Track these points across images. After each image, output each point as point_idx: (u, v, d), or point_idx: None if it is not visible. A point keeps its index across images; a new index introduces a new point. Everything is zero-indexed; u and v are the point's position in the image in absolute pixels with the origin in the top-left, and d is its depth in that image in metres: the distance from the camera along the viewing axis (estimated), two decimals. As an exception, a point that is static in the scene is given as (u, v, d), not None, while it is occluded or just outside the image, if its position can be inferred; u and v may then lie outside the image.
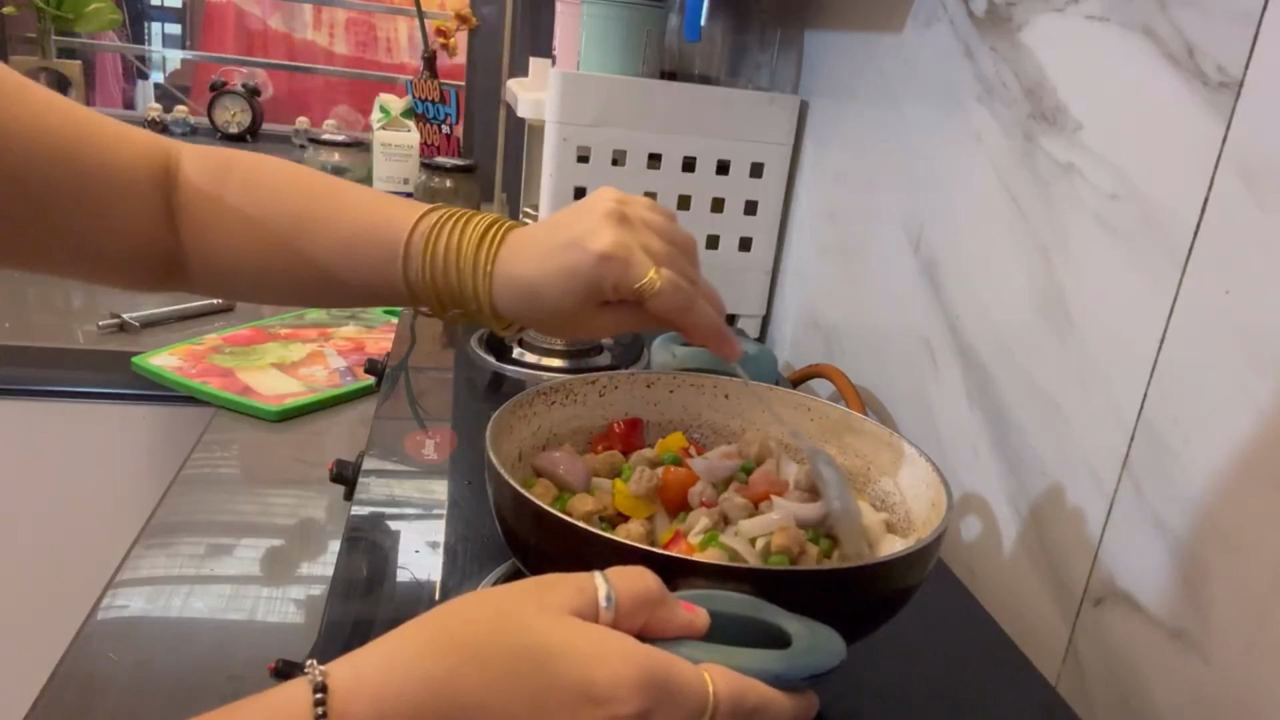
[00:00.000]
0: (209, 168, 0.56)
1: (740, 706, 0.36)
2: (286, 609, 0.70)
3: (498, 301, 0.54)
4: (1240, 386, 0.53)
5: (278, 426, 0.99)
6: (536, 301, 0.53)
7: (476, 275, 0.53)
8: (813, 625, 0.41)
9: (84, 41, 1.99)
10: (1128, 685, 0.60)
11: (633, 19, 1.15)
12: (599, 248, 0.51)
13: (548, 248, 0.53)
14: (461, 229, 0.54)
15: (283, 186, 0.57)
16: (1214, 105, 0.55)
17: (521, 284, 0.53)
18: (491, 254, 0.53)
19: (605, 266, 0.51)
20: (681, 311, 0.53)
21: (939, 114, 0.87)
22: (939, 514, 0.52)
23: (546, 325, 0.56)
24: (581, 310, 0.53)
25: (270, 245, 0.55)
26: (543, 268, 0.52)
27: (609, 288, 0.52)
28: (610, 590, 0.37)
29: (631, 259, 0.51)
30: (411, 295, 0.55)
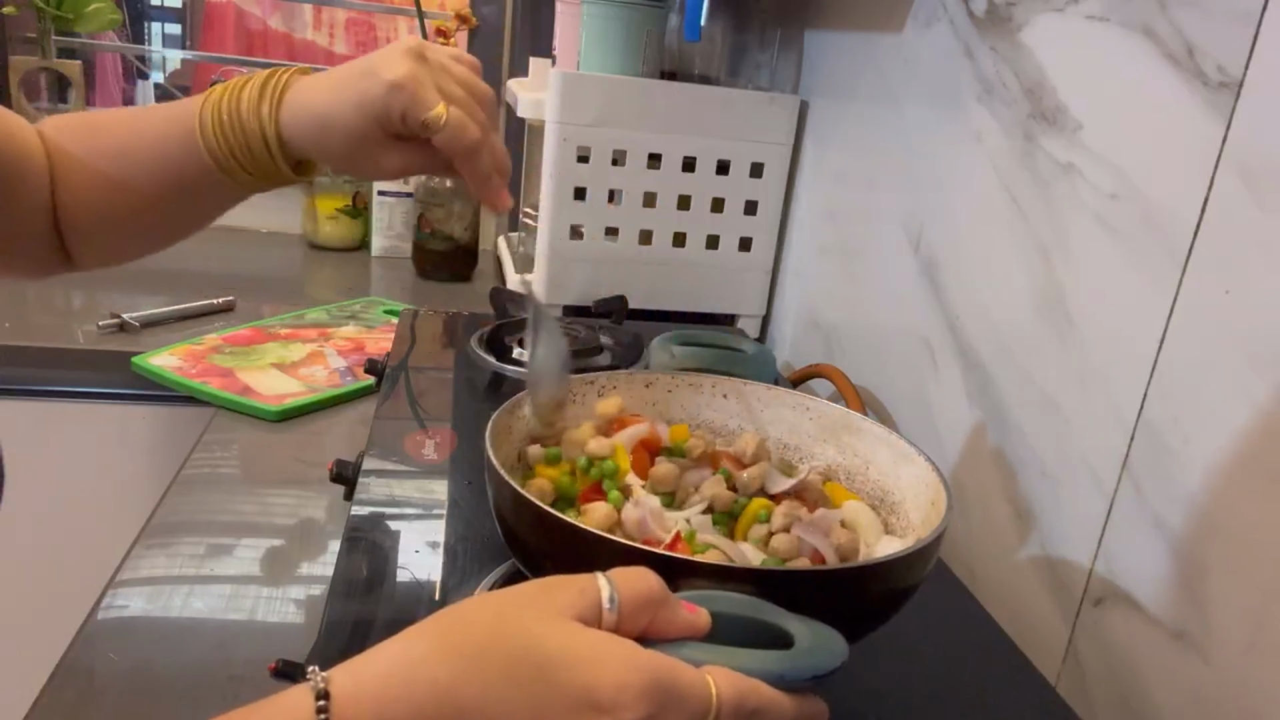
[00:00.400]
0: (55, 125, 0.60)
1: (742, 708, 0.36)
2: (286, 609, 0.70)
3: (286, 134, 0.55)
4: (1240, 386, 0.53)
5: (278, 426, 0.99)
6: (327, 131, 0.54)
7: (262, 111, 0.55)
8: (814, 625, 0.41)
9: (84, 41, 1.99)
10: (1128, 685, 0.60)
11: (633, 19, 1.15)
12: (390, 76, 0.52)
13: (341, 78, 0.54)
14: (246, 82, 0.56)
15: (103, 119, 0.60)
16: (1214, 105, 0.55)
17: (312, 113, 0.54)
18: (276, 93, 0.55)
19: (395, 95, 0.52)
20: (466, 152, 0.54)
21: (939, 114, 0.87)
22: (938, 513, 0.52)
23: (338, 160, 0.56)
24: (371, 141, 0.54)
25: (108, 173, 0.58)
26: (334, 96, 0.54)
27: (397, 116, 0.52)
28: (613, 592, 0.37)
29: (421, 91, 0.52)
30: (215, 160, 0.57)
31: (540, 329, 0.59)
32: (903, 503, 0.59)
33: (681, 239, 1.23)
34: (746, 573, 0.43)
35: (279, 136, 0.55)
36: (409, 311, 1.14)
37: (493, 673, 0.33)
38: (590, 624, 0.36)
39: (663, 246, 1.22)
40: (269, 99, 0.55)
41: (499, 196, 0.57)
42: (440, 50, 0.56)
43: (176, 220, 0.63)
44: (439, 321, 1.11)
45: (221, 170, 0.57)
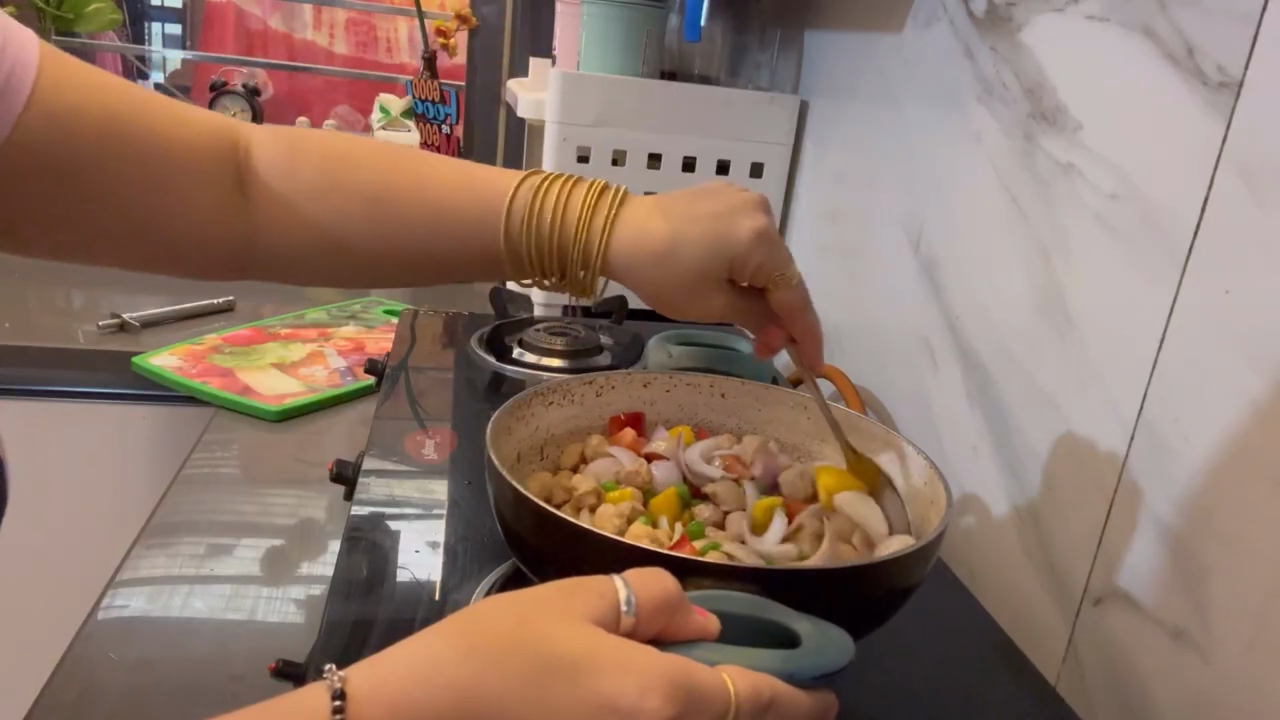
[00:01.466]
0: (283, 145, 0.54)
1: (759, 703, 0.36)
2: (286, 609, 0.70)
3: (613, 258, 0.52)
4: (1240, 386, 0.53)
5: (278, 426, 0.99)
6: (667, 261, 0.52)
7: (591, 229, 0.52)
8: (821, 624, 0.41)
9: (84, 41, 1.99)
10: (1128, 685, 0.60)
11: (633, 19, 1.15)
12: (756, 224, 0.51)
13: (696, 212, 0.52)
14: (573, 185, 0.53)
15: (363, 158, 0.54)
16: (1214, 105, 0.55)
17: (654, 241, 0.52)
18: (613, 207, 0.53)
19: (757, 244, 0.51)
20: (803, 310, 0.54)
21: (939, 114, 0.87)
22: (938, 512, 0.52)
23: (656, 289, 0.54)
24: (708, 283, 0.52)
25: (352, 219, 0.53)
26: (687, 229, 0.52)
27: (752, 265, 0.52)
28: (630, 594, 0.36)
29: (780, 248, 0.52)
30: (510, 255, 0.53)
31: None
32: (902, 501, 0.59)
33: (681, 239, 1.23)
34: (750, 572, 0.43)
35: (604, 259, 0.52)
36: (409, 311, 1.14)
37: (513, 676, 0.33)
38: (609, 628, 0.36)
39: (663, 246, 1.22)
40: (608, 207, 0.52)
41: (819, 361, 0.58)
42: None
43: (407, 281, 0.59)
44: (439, 321, 1.11)
45: (512, 268, 0.54)
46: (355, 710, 0.32)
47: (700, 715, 0.34)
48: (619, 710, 0.33)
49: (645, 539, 0.51)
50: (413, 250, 0.54)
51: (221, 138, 0.53)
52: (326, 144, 0.55)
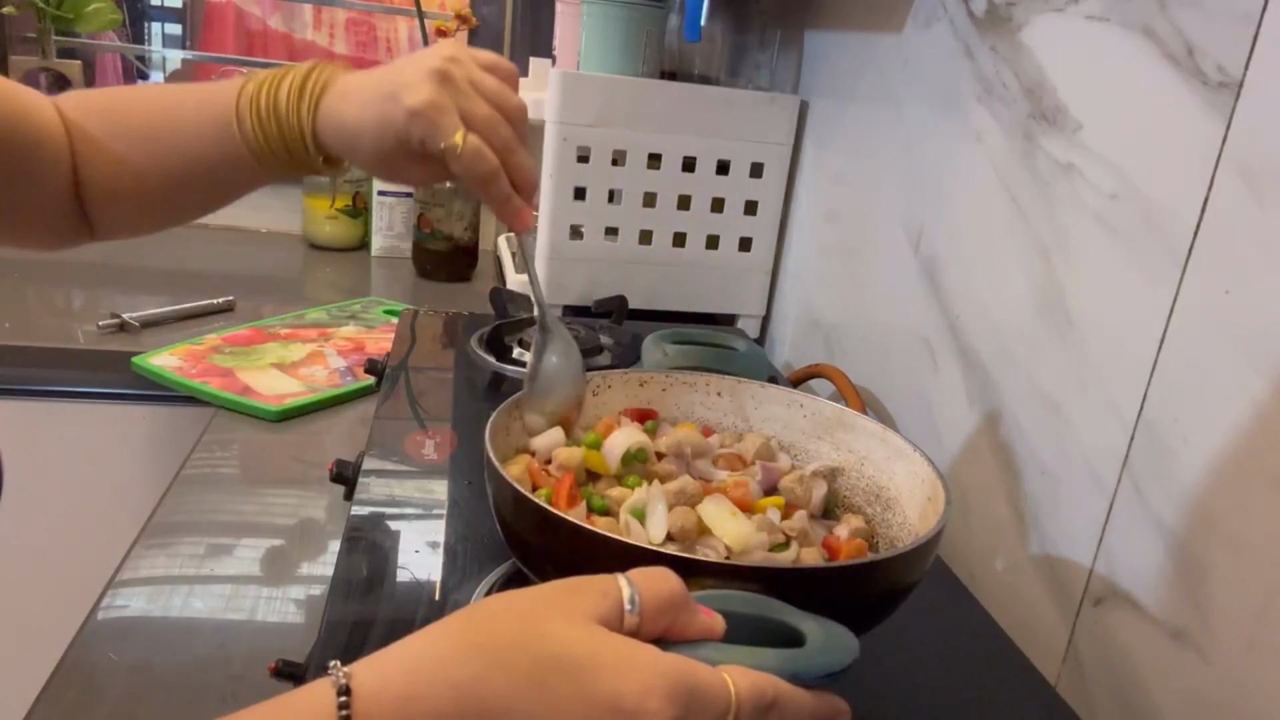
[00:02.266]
0: (71, 103, 0.60)
1: (761, 702, 0.36)
2: (286, 609, 0.70)
3: (322, 138, 0.57)
4: (1240, 386, 0.53)
5: (278, 426, 0.99)
6: (355, 144, 0.56)
7: (301, 114, 0.57)
8: (825, 623, 0.41)
9: (84, 41, 1.99)
10: (1128, 685, 0.60)
11: (633, 19, 1.15)
12: (411, 104, 0.53)
13: (368, 95, 0.56)
14: (283, 77, 0.58)
15: (134, 97, 0.61)
16: (1214, 105, 0.55)
17: (342, 128, 0.56)
18: (314, 94, 0.57)
19: (413, 122, 0.53)
20: (481, 179, 0.55)
21: (939, 114, 0.87)
22: (936, 509, 0.53)
23: (367, 169, 0.59)
24: (394, 158, 0.56)
25: (133, 152, 0.59)
26: (361, 114, 0.55)
27: (417, 142, 0.54)
28: (635, 593, 0.36)
29: (439, 119, 0.53)
30: (254, 158, 0.58)
31: (551, 334, 0.60)
32: (899, 499, 0.59)
33: (681, 239, 1.23)
34: (751, 571, 0.43)
35: (315, 137, 0.57)
36: (409, 311, 1.14)
37: (517, 675, 0.33)
38: (612, 627, 0.36)
39: (663, 247, 1.22)
40: (308, 99, 0.57)
41: (518, 217, 0.58)
42: (470, 63, 0.56)
43: (203, 198, 0.65)
44: (439, 321, 1.11)
45: (257, 160, 0.59)
46: (360, 707, 0.32)
47: (702, 715, 0.34)
48: (621, 710, 0.33)
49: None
50: (185, 172, 0.60)
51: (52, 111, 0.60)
52: (103, 98, 0.62)
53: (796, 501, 0.57)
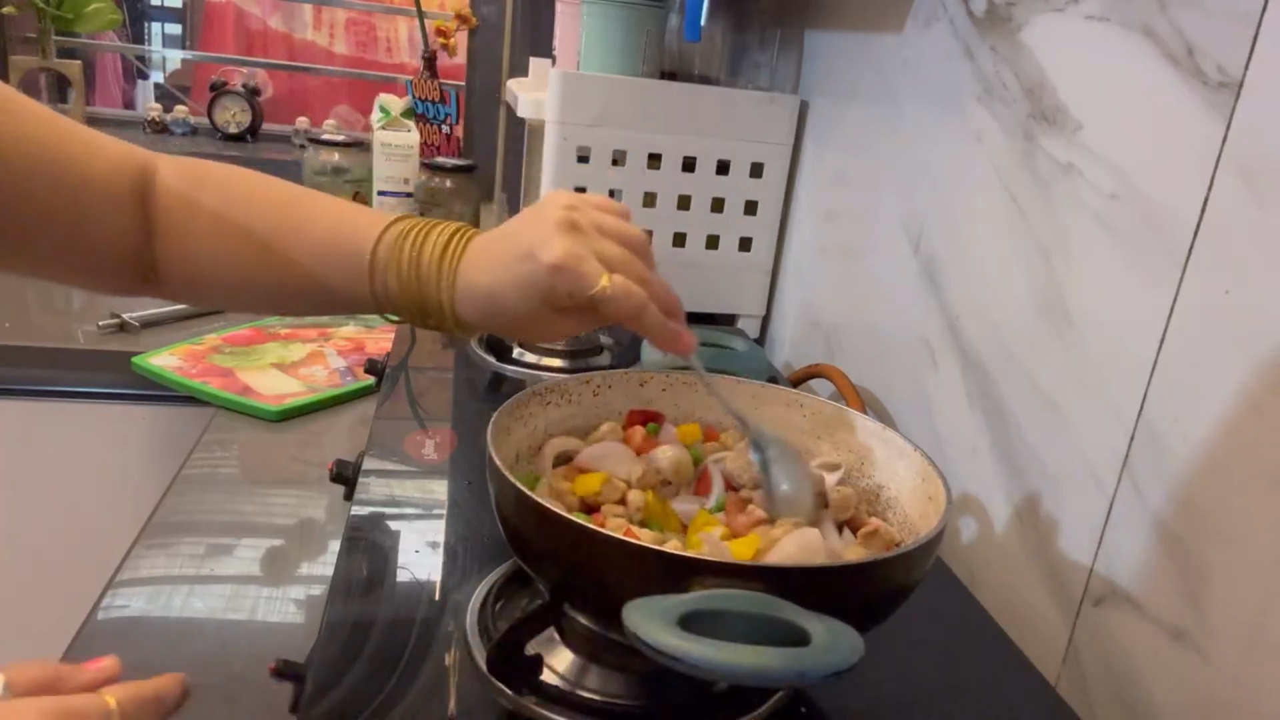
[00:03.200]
0: (185, 176, 0.58)
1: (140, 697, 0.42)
2: (286, 609, 0.70)
3: (460, 310, 0.55)
4: (1240, 386, 0.53)
5: (278, 426, 0.99)
6: (496, 309, 0.54)
7: (440, 285, 0.54)
8: (830, 622, 0.41)
9: (84, 41, 1.99)
10: (1128, 685, 0.60)
11: (633, 19, 1.15)
12: (551, 259, 0.51)
13: (503, 258, 0.54)
14: (424, 238, 0.55)
15: (257, 193, 0.58)
16: (1214, 105, 0.55)
17: (481, 293, 0.54)
18: (453, 265, 0.54)
19: (558, 277, 0.51)
20: (633, 315, 0.53)
21: (939, 114, 0.87)
22: (936, 509, 0.53)
23: (509, 331, 0.57)
24: (540, 316, 0.54)
25: (245, 251, 0.57)
26: (500, 278, 0.53)
27: (564, 295, 0.52)
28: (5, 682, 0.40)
29: (582, 268, 0.52)
30: (378, 305, 0.56)
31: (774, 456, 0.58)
32: (899, 498, 0.59)
33: (681, 239, 1.23)
34: (754, 570, 0.43)
35: (454, 305, 0.55)
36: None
37: None
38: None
39: (663, 246, 1.22)
40: (449, 265, 0.54)
41: (679, 341, 0.56)
42: (587, 206, 0.55)
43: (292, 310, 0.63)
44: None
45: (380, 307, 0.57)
46: None
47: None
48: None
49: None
50: (299, 285, 0.57)
51: (132, 167, 0.56)
52: (224, 178, 0.58)
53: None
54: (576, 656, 0.53)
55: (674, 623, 0.39)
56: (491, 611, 0.57)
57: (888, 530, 0.56)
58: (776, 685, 0.51)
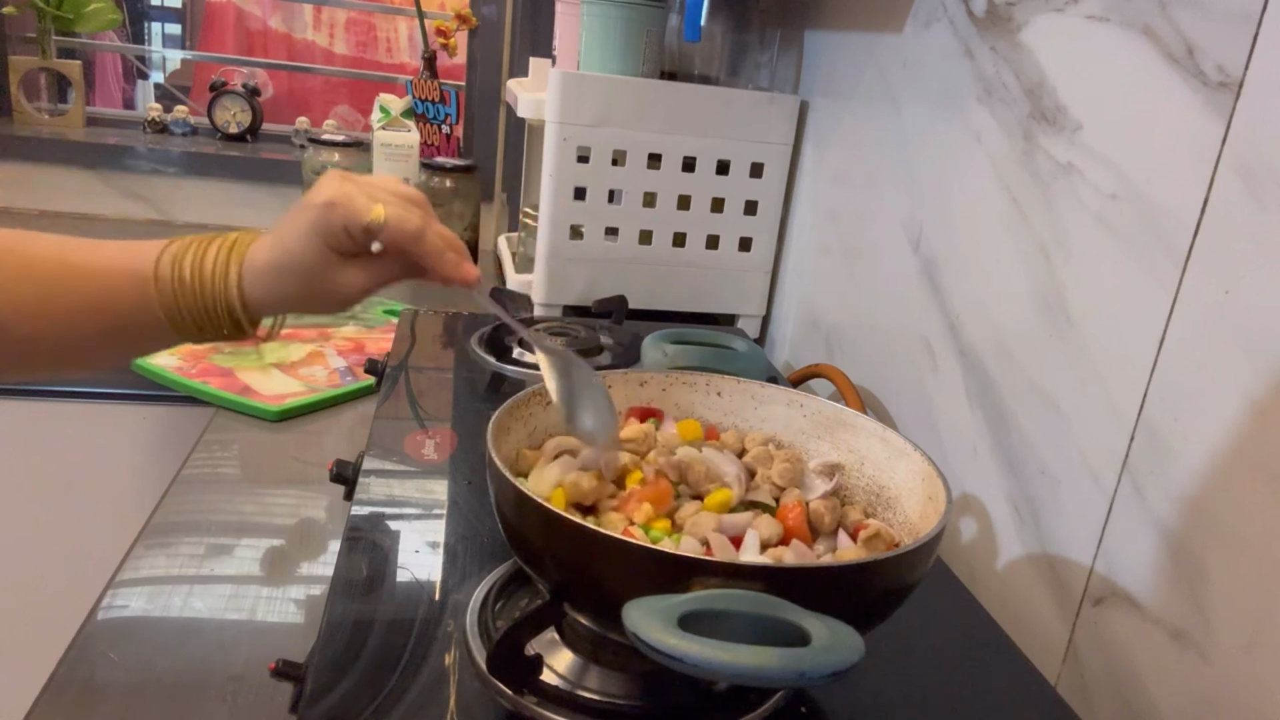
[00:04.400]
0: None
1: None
2: (286, 609, 0.70)
3: (249, 294, 0.55)
4: (1240, 386, 0.53)
5: (278, 426, 0.99)
6: (284, 273, 0.54)
7: (228, 274, 0.54)
8: (830, 622, 0.41)
9: (84, 41, 1.99)
10: (1128, 685, 0.60)
11: (633, 19, 1.15)
12: (322, 198, 0.53)
13: (282, 225, 0.55)
14: (207, 243, 0.55)
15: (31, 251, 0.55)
16: (1214, 105, 0.55)
17: (267, 265, 0.55)
18: (240, 252, 0.55)
19: (331, 211, 0.53)
20: (413, 240, 0.54)
21: (939, 114, 0.87)
22: (937, 508, 0.53)
23: (299, 298, 0.56)
24: (326, 266, 0.54)
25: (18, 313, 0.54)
26: (281, 240, 0.54)
27: (340, 230, 0.53)
28: None
29: (354, 201, 0.53)
30: (170, 321, 0.55)
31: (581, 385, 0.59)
32: (899, 498, 0.59)
33: (681, 239, 1.23)
34: (755, 570, 0.43)
35: (243, 299, 0.55)
36: (409, 311, 1.14)
37: None
38: None
39: (663, 246, 1.22)
40: (235, 263, 0.55)
41: (462, 270, 0.57)
42: (364, 176, 0.57)
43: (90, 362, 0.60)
44: (439, 321, 1.11)
45: (178, 331, 0.56)
46: None
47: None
48: None
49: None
50: (82, 333, 0.55)
51: None
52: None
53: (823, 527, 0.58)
54: (576, 656, 0.53)
55: (674, 623, 0.39)
56: (491, 611, 0.57)
57: (888, 532, 0.56)
58: (776, 685, 0.51)
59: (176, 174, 1.76)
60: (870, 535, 0.55)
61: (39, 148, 1.71)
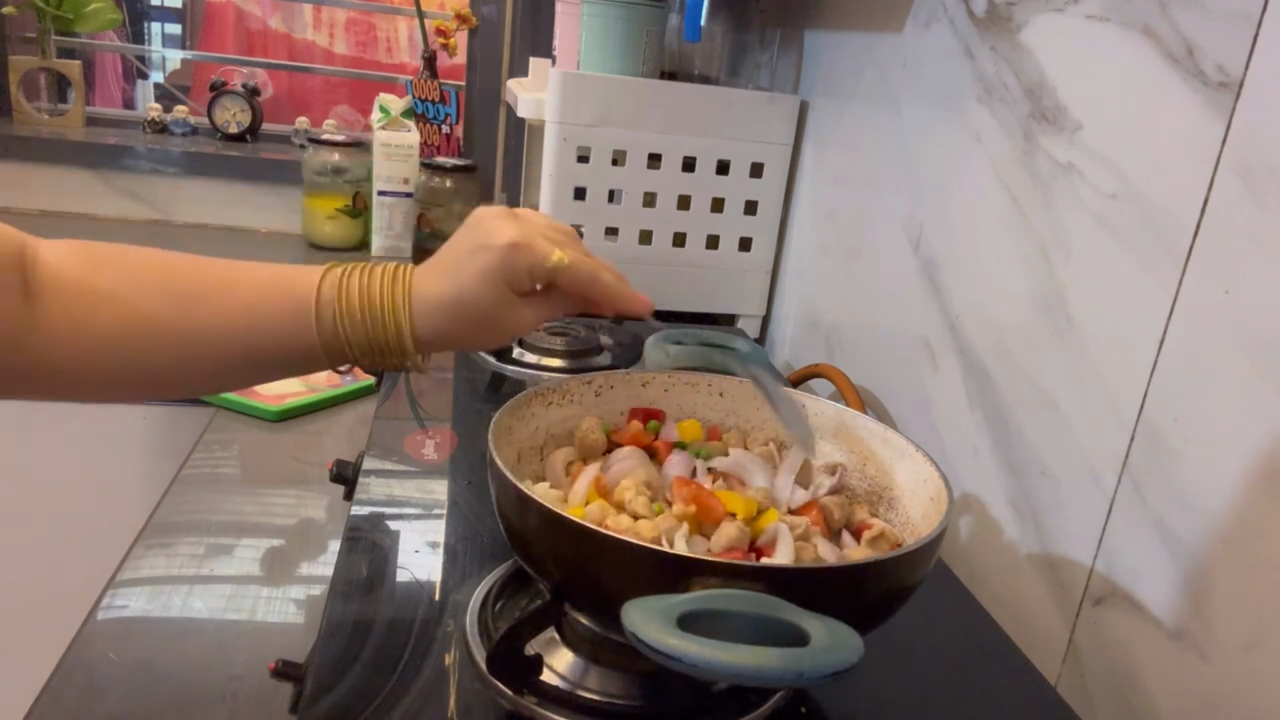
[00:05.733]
0: (78, 253, 0.52)
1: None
2: (286, 609, 0.70)
3: (420, 325, 0.54)
4: (1240, 386, 0.53)
5: (278, 426, 0.99)
6: (460, 311, 0.54)
7: (396, 306, 0.53)
8: (830, 622, 0.41)
9: (84, 41, 1.99)
10: (1128, 685, 0.60)
11: (633, 19, 1.15)
12: (506, 240, 0.53)
13: (456, 261, 0.54)
14: (369, 272, 0.54)
15: (169, 264, 0.54)
16: (1214, 105, 0.55)
17: (442, 302, 0.54)
18: (406, 284, 0.54)
19: (516, 253, 0.53)
20: (592, 281, 0.55)
21: (939, 114, 0.87)
22: (939, 509, 0.53)
23: (474, 336, 0.56)
24: (504, 305, 0.54)
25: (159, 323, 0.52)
26: (459, 278, 0.54)
27: (524, 273, 0.54)
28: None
29: (535, 243, 0.54)
30: (325, 347, 0.54)
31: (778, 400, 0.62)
32: (900, 499, 0.59)
33: (681, 239, 1.23)
34: (755, 570, 0.43)
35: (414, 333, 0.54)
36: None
37: None
38: None
39: (663, 246, 1.22)
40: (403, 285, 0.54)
41: (640, 301, 0.58)
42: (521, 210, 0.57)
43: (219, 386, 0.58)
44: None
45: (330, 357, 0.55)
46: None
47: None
48: None
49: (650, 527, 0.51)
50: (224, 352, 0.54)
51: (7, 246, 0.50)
52: (124, 254, 0.53)
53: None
54: (577, 656, 0.53)
55: (673, 623, 0.39)
56: (491, 611, 0.57)
57: (893, 533, 0.56)
58: (776, 685, 0.51)
59: (176, 174, 1.76)
60: (875, 535, 0.55)
61: (39, 148, 1.71)
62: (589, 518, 0.52)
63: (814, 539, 0.54)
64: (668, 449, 0.61)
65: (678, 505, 0.52)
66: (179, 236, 1.73)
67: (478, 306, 0.54)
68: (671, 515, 0.52)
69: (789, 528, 0.53)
